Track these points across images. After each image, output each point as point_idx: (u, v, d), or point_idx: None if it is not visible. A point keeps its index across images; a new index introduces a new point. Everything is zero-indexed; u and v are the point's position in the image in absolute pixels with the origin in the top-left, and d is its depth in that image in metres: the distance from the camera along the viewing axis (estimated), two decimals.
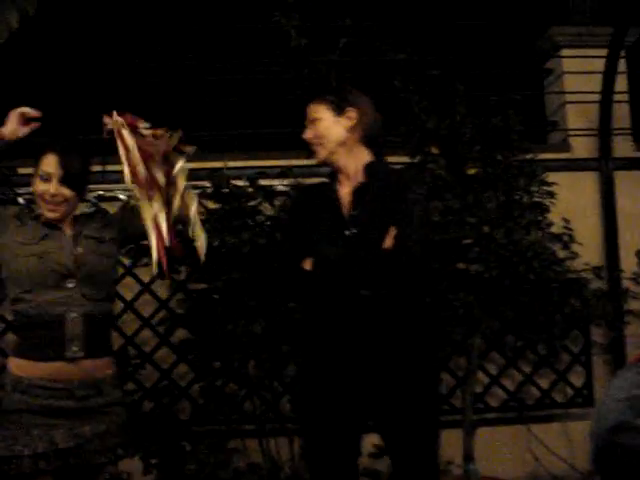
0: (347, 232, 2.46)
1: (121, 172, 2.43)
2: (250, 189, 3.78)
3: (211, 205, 4.07)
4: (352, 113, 2.55)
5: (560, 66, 4.96)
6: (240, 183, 3.83)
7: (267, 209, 3.92)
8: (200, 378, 4.11)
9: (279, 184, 4.02)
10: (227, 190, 3.72)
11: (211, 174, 3.80)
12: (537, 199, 3.93)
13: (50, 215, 2.57)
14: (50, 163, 2.54)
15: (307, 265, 2.48)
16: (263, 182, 3.89)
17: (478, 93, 4.08)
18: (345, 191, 2.55)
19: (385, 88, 4.31)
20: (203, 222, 2.91)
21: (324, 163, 2.60)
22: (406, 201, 2.48)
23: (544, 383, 4.53)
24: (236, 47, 4.70)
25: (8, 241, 2.56)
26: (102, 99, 4.68)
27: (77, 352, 2.48)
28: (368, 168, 2.57)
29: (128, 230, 2.71)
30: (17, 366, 2.52)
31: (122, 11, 4.86)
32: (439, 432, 2.62)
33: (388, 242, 2.42)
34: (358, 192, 2.53)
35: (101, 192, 4.29)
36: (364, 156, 2.58)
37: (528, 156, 3.98)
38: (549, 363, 4.50)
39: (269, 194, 3.87)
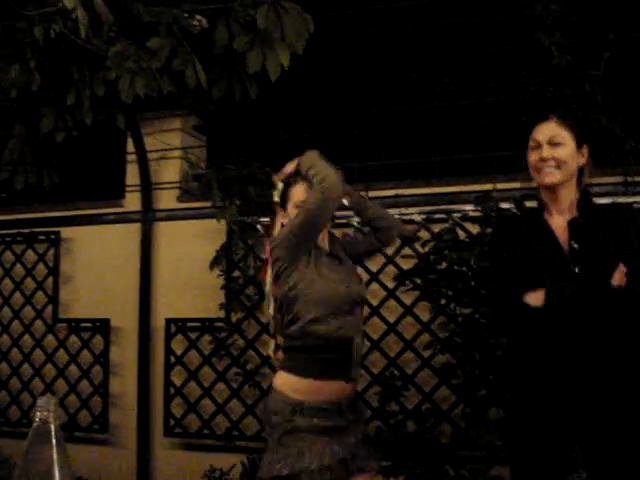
0: (575, 269, 2.38)
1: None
2: (517, 212, 3.72)
3: (474, 229, 4.07)
4: (586, 151, 2.55)
5: None
6: (506, 205, 3.79)
7: None
8: (462, 402, 4.10)
9: None
10: (494, 213, 3.69)
11: (478, 197, 3.79)
12: None
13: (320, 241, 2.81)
14: (302, 191, 2.79)
15: (533, 300, 2.39)
16: (530, 204, 3.81)
17: None
18: (557, 224, 2.50)
19: None
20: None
21: (545, 188, 2.57)
22: (631, 237, 2.42)
23: None
24: (492, 68, 4.67)
25: (311, 263, 2.70)
26: (359, 130, 4.90)
27: (355, 374, 2.69)
28: (581, 203, 2.53)
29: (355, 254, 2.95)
30: (295, 388, 2.64)
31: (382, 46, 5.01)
32: None
33: (618, 279, 2.33)
34: (575, 226, 2.46)
35: (396, 215, 4.42)
36: (574, 191, 2.55)
37: None
38: None
39: None
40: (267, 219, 4.75)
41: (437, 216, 4.32)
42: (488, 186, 4.02)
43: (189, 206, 5.10)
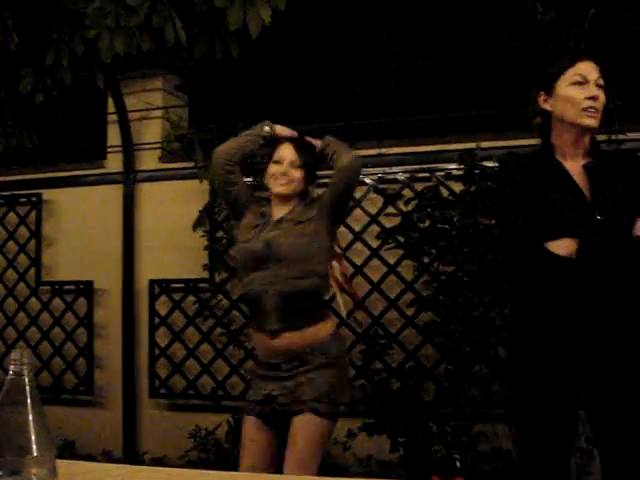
0: (598, 216, 2.27)
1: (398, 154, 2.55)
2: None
3: (457, 187, 4.07)
4: None
5: None
6: (489, 164, 3.78)
7: None
8: (446, 360, 4.12)
9: None
10: (478, 171, 3.68)
11: (461, 156, 3.78)
12: None
13: (279, 190, 2.82)
14: (283, 149, 2.85)
15: (560, 249, 2.26)
16: None
17: None
18: (573, 168, 2.36)
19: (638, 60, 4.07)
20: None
21: (576, 128, 2.36)
22: None
23: None
24: (476, 25, 4.62)
25: (241, 224, 2.88)
26: (343, 89, 4.86)
27: (274, 325, 2.72)
28: (595, 146, 2.40)
29: (330, 205, 2.85)
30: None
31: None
32: None
33: None
34: (592, 171, 2.34)
35: (380, 174, 4.42)
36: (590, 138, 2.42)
37: None
38: None
39: None
40: (250, 179, 4.74)
41: (420, 175, 4.30)
42: (471, 144, 4.01)
43: (171, 167, 5.06)
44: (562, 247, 2.27)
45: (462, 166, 3.91)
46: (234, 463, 4.45)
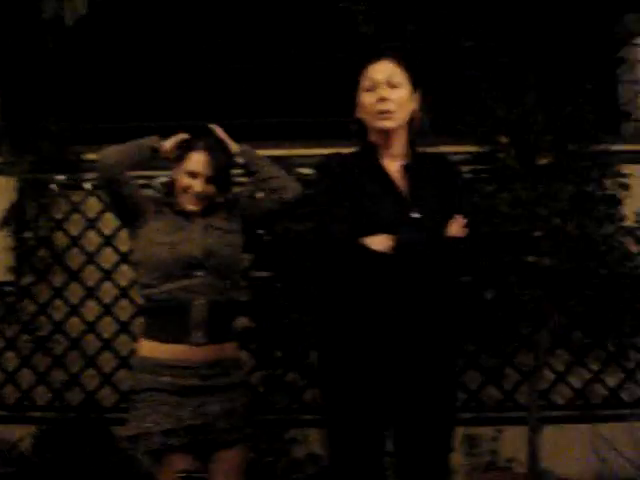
0: (414, 215, 2.33)
1: None
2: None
3: None
4: (417, 96, 2.46)
5: (634, 55, 4.84)
6: (305, 171, 3.81)
7: None
8: (261, 366, 4.11)
9: None
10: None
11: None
12: (610, 191, 3.81)
13: (190, 207, 2.69)
14: (198, 161, 2.69)
15: (377, 244, 2.26)
16: None
17: (549, 81, 3.97)
18: (390, 168, 2.42)
19: (454, 76, 4.24)
20: None
21: (380, 132, 2.42)
22: (459, 188, 2.45)
23: (612, 381, 4.37)
24: (301, 35, 4.67)
25: (146, 227, 2.67)
26: (169, 84, 4.76)
27: (200, 337, 2.58)
28: (413, 149, 2.48)
29: (249, 219, 2.84)
30: (144, 347, 2.63)
31: None
32: (452, 433, 2.41)
33: (455, 229, 2.33)
34: (409, 171, 2.42)
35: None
36: (406, 137, 2.48)
37: (601, 147, 3.87)
38: (617, 361, 4.35)
39: None
40: (62, 177, 4.54)
41: (237, 180, 4.27)
42: (288, 151, 4.02)
43: None
44: (378, 242, 2.28)
45: None
46: (40, 477, 4.25)
